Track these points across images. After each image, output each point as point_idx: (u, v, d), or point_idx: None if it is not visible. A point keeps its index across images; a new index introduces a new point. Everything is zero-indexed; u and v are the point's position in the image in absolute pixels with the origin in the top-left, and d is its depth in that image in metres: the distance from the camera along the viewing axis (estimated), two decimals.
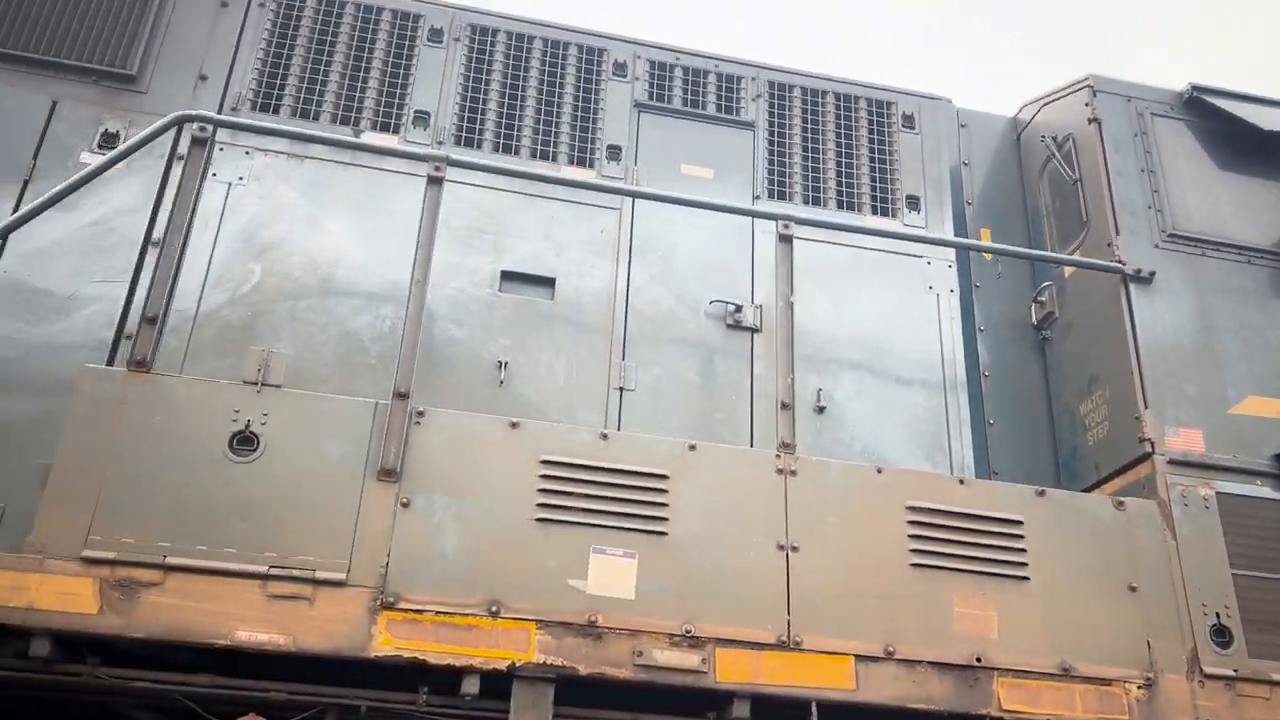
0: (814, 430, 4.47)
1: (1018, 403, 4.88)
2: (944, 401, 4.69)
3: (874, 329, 4.78)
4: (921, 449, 4.55)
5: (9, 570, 3.04)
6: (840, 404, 4.55)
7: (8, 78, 4.41)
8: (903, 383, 4.69)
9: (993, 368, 4.91)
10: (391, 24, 4.93)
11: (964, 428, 4.64)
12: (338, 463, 3.39)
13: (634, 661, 3.31)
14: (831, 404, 4.53)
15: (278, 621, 3.14)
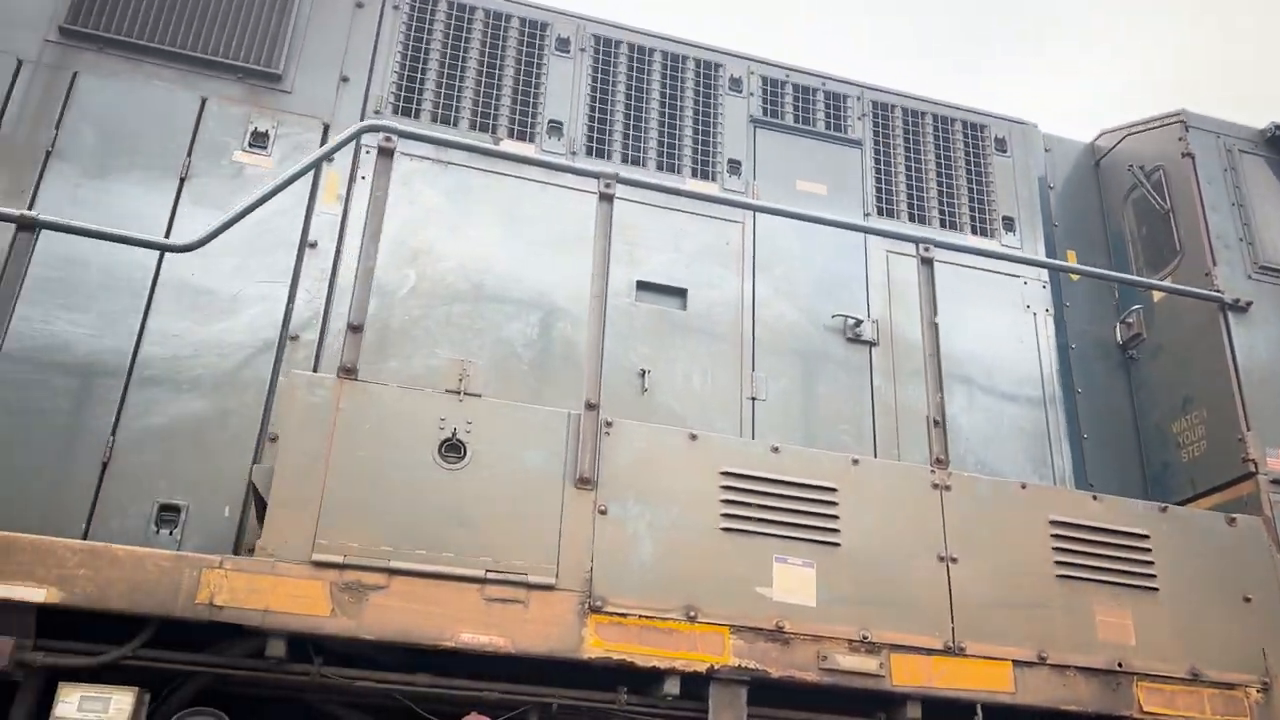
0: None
1: (1105, 418, 5.16)
2: (1045, 416, 4.96)
3: (979, 345, 5.03)
4: (1029, 461, 4.81)
5: (244, 573, 3.12)
6: (954, 417, 4.78)
7: (157, 73, 4.42)
8: (1007, 398, 4.95)
9: (1082, 385, 5.19)
10: (520, 32, 5.02)
11: (1064, 442, 4.92)
12: (538, 470, 3.52)
13: (819, 665, 3.51)
14: (947, 417, 4.76)
15: (496, 624, 3.27)
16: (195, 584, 3.06)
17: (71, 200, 4.03)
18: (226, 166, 4.32)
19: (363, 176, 4.48)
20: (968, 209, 5.35)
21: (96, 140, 4.20)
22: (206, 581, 3.07)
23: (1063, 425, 4.96)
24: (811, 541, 3.67)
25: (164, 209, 4.16)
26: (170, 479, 3.75)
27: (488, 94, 4.84)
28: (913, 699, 3.58)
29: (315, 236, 4.31)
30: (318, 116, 4.54)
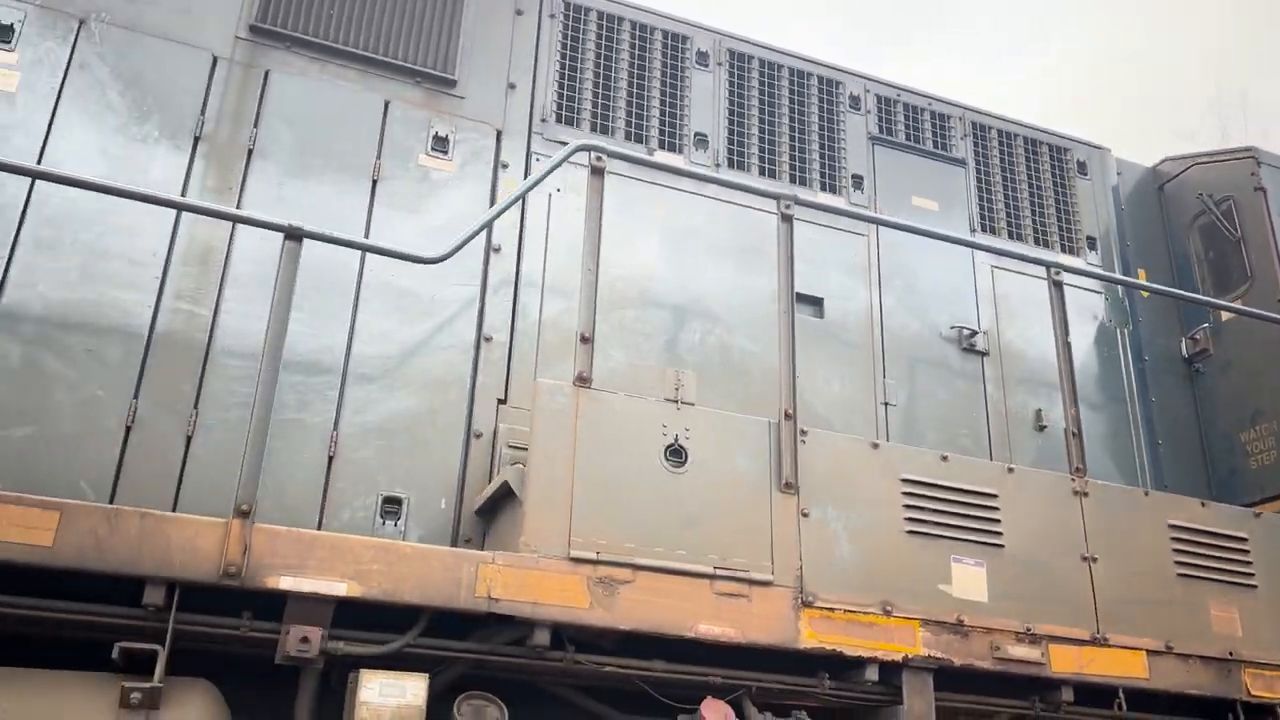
0: (1038, 447, 5.15)
1: (1173, 426, 5.68)
2: (1128, 423, 5.45)
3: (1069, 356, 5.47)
4: (1118, 466, 5.29)
5: (514, 568, 3.39)
6: (1056, 423, 5.23)
7: (341, 74, 4.55)
8: (1096, 407, 5.42)
9: (1154, 394, 5.69)
10: (664, 44, 5.25)
11: (1144, 448, 5.42)
12: (748, 475, 3.84)
13: (992, 655, 3.92)
14: (1051, 424, 5.21)
15: (726, 617, 3.60)
16: (474, 578, 3.32)
17: (278, 200, 4.17)
18: (413, 170, 4.49)
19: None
20: (1056, 228, 5.78)
21: (293, 140, 4.33)
22: (483, 576, 3.33)
23: (1142, 432, 5.45)
24: (980, 543, 4.07)
25: (360, 210, 4.32)
26: (389, 472, 3.97)
27: (639, 105, 5.07)
28: (1066, 684, 4.03)
29: (498, 241, 4.52)
30: (490, 123, 4.73)
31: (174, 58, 4.25)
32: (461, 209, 4.52)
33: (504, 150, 4.69)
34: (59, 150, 3.93)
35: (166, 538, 3.04)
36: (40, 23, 4.10)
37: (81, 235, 3.85)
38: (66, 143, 3.96)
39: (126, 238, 3.90)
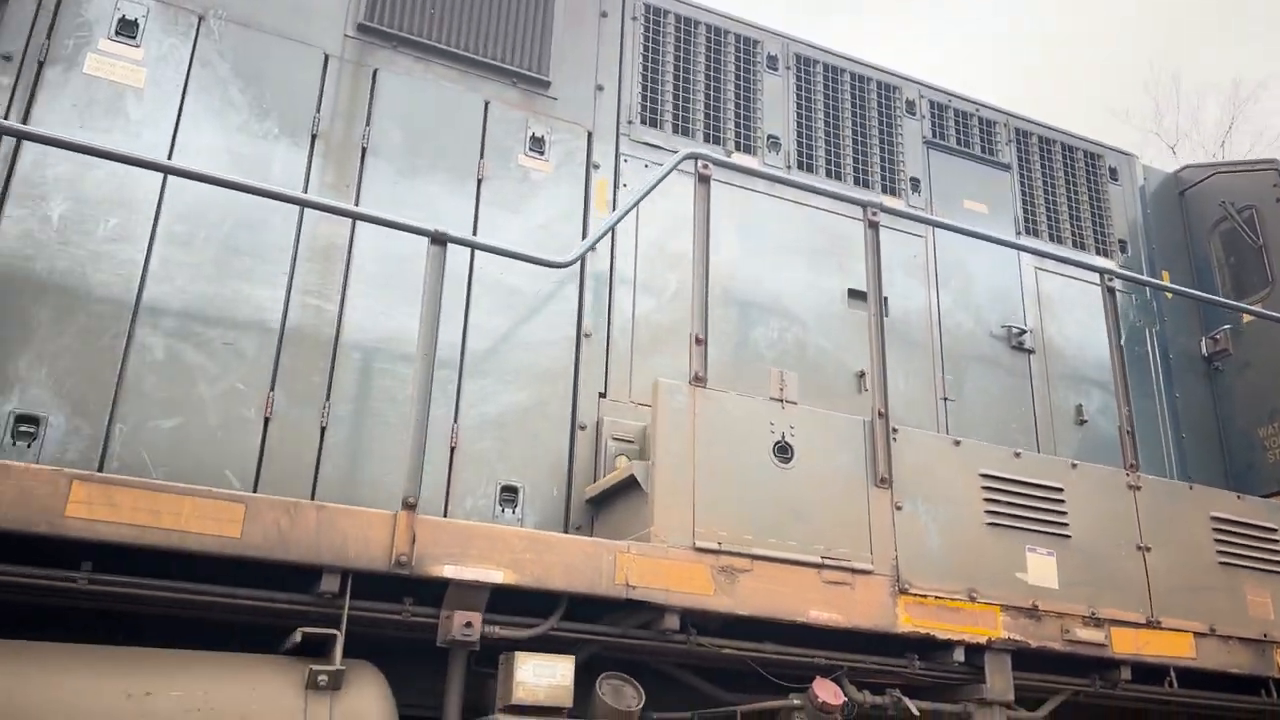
0: (1079, 439, 5.50)
1: (1193, 421, 6.06)
2: (1158, 418, 5.81)
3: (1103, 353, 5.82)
4: (1150, 458, 5.65)
5: (647, 557, 3.62)
6: (1094, 418, 5.58)
7: (444, 74, 4.68)
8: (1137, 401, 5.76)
9: (1178, 391, 6.07)
10: (736, 48, 5.44)
11: (1171, 441, 5.79)
12: (846, 470, 4.11)
13: (1063, 637, 4.26)
14: (1090, 418, 5.55)
15: (833, 603, 3.88)
16: (613, 567, 3.55)
17: (392, 199, 4.31)
18: (514, 170, 4.65)
19: (624, 184, 4.88)
20: (1091, 231, 6.11)
21: (403, 138, 4.47)
22: (621, 565, 3.56)
23: (1169, 426, 5.82)
24: (1049, 534, 4.39)
25: (468, 209, 4.48)
26: (505, 462, 4.18)
27: (715, 106, 5.27)
28: (1125, 664, 4.38)
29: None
30: (581, 124, 4.90)
31: (288, 55, 4.36)
32: (559, 209, 4.70)
33: (595, 151, 4.86)
34: (187, 146, 4.03)
35: (342, 529, 3.23)
36: (163, 18, 4.18)
37: (213, 231, 3.97)
38: (193, 138, 4.06)
39: (255, 233, 4.03)
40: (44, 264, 3.67)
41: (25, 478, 2.92)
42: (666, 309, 4.77)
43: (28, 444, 3.48)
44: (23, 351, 3.55)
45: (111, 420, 3.60)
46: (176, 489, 3.09)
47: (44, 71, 3.91)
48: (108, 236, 3.80)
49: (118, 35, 4.06)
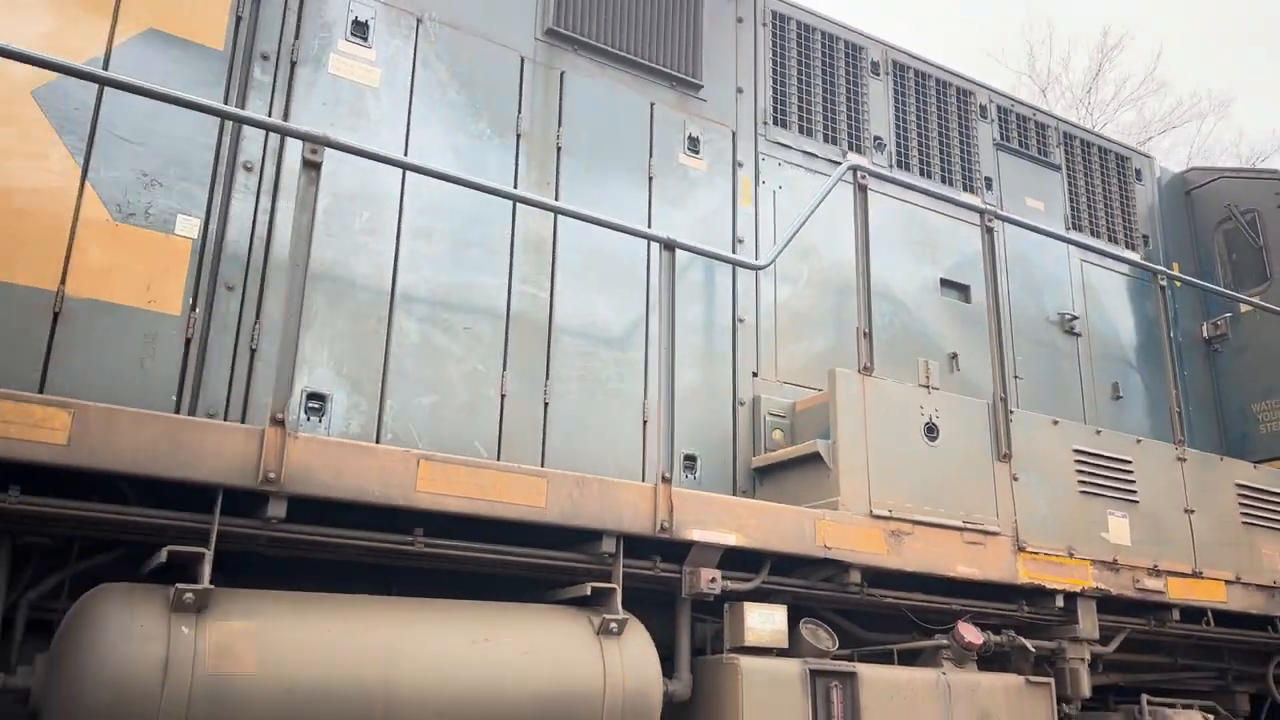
0: (1116, 413, 6.36)
1: (1195, 395, 7.01)
2: (1174, 393, 6.72)
3: (1137, 337, 6.70)
4: (1162, 426, 6.57)
5: (837, 523, 4.29)
6: (1127, 395, 6.46)
7: (617, 76, 5.12)
8: (1149, 378, 6.67)
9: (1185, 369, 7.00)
10: (846, 54, 5.99)
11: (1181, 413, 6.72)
12: (977, 447, 4.84)
13: (1134, 586, 5.12)
14: (1124, 394, 6.43)
15: (972, 560, 4.63)
16: (814, 531, 4.21)
17: (585, 198, 4.77)
18: (675, 168, 5.15)
19: (763, 181, 5.43)
20: (1121, 227, 6.93)
21: (589, 137, 4.92)
22: (819, 529, 4.23)
23: (1182, 401, 6.74)
24: (1122, 499, 5.23)
25: (642, 205, 4.98)
26: (684, 434, 4.76)
27: (830, 108, 5.83)
28: (1176, 607, 5.29)
29: (741, 234, 5.27)
30: (726, 124, 5.40)
31: (492, 57, 4.74)
32: (713, 204, 5.23)
33: (738, 150, 5.39)
34: (418, 144, 4.42)
35: (617, 499, 3.80)
36: (388, 19, 4.51)
37: (447, 224, 4.39)
38: (423, 137, 4.45)
39: (481, 227, 4.46)
40: (316, 254, 4.05)
41: (384, 458, 3.40)
42: (801, 296, 5.38)
43: (319, 418, 3.91)
44: (306, 335, 3.95)
45: (383, 398, 4.05)
46: (494, 466, 3.62)
47: (296, 70, 4.23)
48: (363, 229, 4.19)
49: (352, 36, 4.39)
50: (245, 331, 3.88)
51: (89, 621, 2.99)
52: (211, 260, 3.86)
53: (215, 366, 3.79)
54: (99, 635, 2.94)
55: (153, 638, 2.97)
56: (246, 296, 3.91)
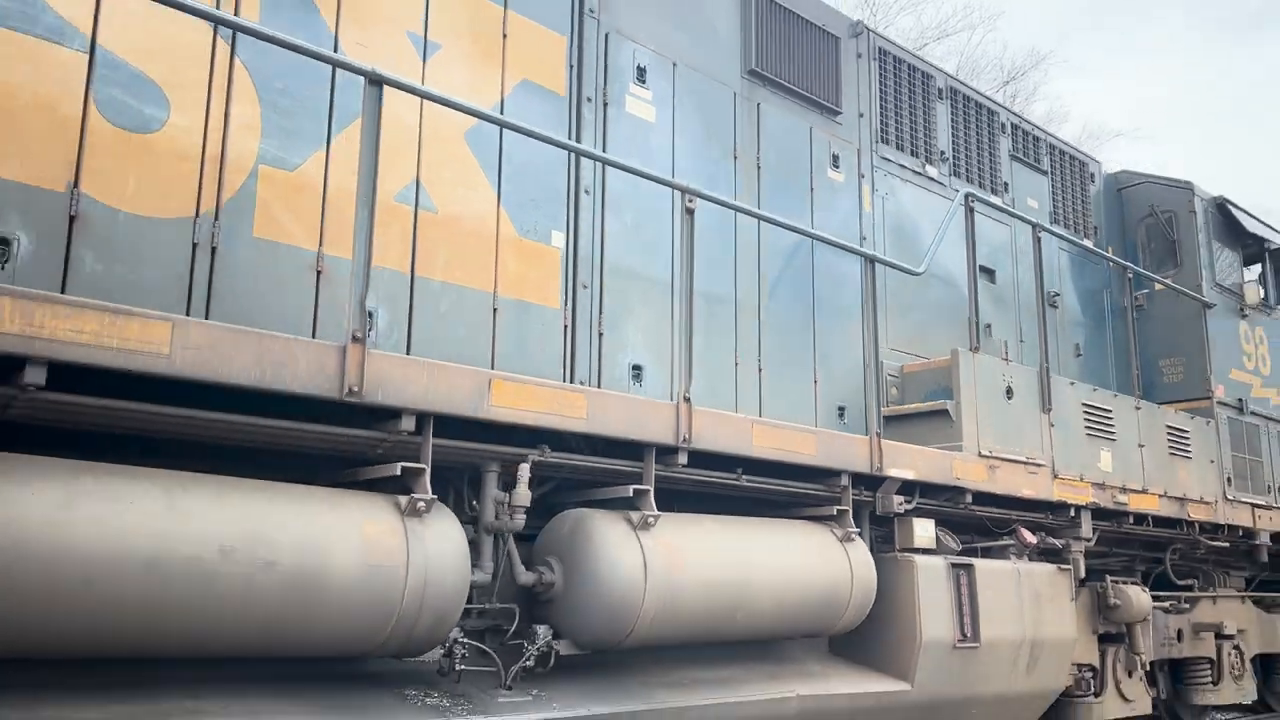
0: (1079, 367, 8.45)
1: (1119, 351, 9.22)
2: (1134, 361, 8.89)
3: (1088, 307, 8.78)
4: (1099, 373, 8.72)
5: (964, 461, 6.07)
6: (1085, 352, 8.56)
7: (788, 106, 6.49)
8: (1095, 337, 8.81)
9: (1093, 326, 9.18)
10: (922, 82, 7.55)
11: (1113, 366, 8.92)
12: (1029, 402, 6.71)
13: (1113, 500, 7.23)
14: (1083, 354, 8.52)
15: (1031, 484, 6.55)
16: (950, 467, 5.98)
17: (772, 205, 6.20)
18: (825, 181, 6.63)
19: (876, 190, 6.99)
20: (1081, 219, 8.94)
21: (775, 158, 6.31)
22: (955, 465, 6.01)
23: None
24: (1106, 439, 7.30)
25: (806, 212, 6.45)
26: (838, 391, 6.39)
27: (913, 128, 7.41)
28: (1131, 514, 7.46)
29: (865, 233, 6.84)
30: (853, 143, 6.90)
31: (716, 93, 6.03)
32: (848, 209, 6.77)
33: (861, 164, 6.92)
34: (680, 167, 5.71)
35: (852, 449, 5.41)
36: (656, 65, 5.71)
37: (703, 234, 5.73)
38: (682, 162, 5.74)
39: (721, 236, 5.84)
40: (630, 258, 5.35)
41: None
42: (905, 288, 7.03)
43: (639, 384, 5.28)
44: (629, 321, 5.29)
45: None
46: (788, 426, 5.15)
47: (609, 110, 5.42)
48: (651, 239, 5.50)
49: (637, 81, 5.59)
50: (595, 319, 5.17)
51: (589, 536, 4.36)
52: (572, 265, 5.11)
53: (580, 345, 5.09)
54: (600, 547, 4.33)
55: (633, 549, 4.39)
56: (592, 293, 5.19)
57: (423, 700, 3.93)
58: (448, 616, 3.79)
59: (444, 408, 3.84)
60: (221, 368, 3.31)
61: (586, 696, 4.34)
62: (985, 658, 5.92)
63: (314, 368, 3.53)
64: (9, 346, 2.92)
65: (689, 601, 4.55)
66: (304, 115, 4.24)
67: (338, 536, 3.52)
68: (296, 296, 4.10)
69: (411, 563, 3.65)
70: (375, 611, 3.59)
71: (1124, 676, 7.58)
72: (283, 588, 3.37)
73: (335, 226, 4.21)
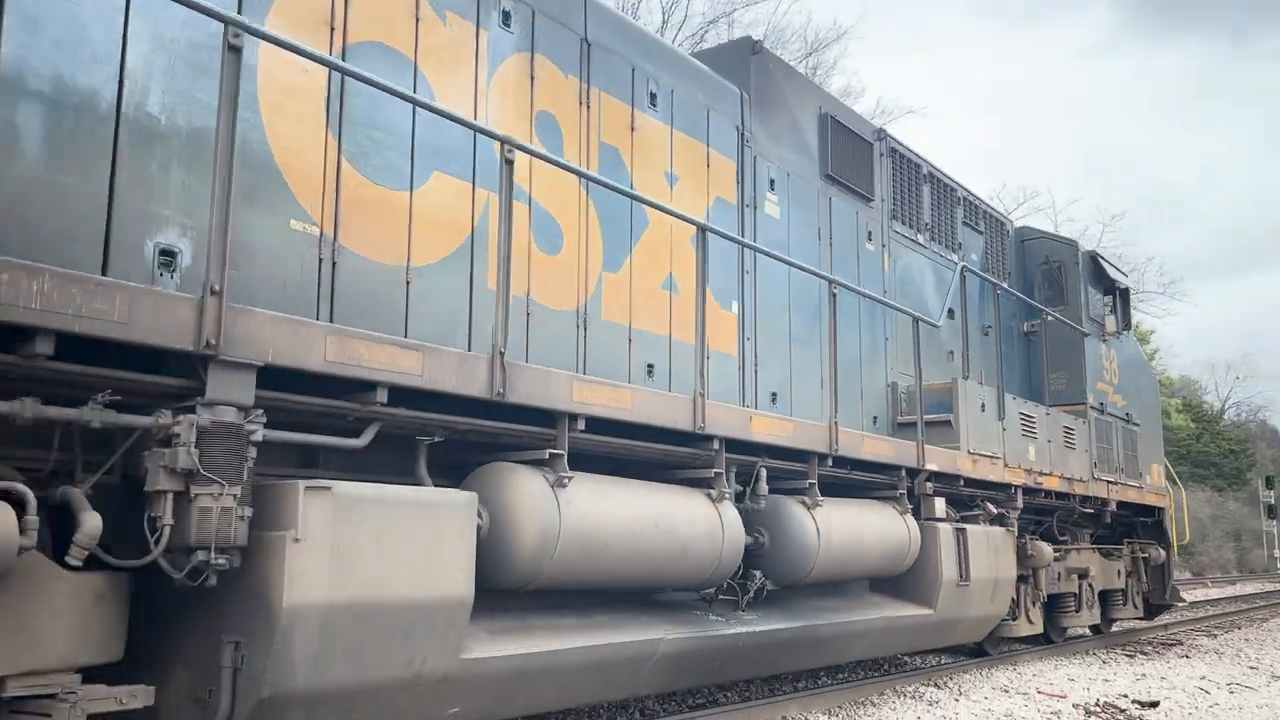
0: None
1: (1015, 367, 12.23)
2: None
3: (1003, 331, 11.72)
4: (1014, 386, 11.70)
5: (962, 458, 8.75)
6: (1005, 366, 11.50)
7: (840, 195, 8.93)
8: (1007, 356, 11.77)
9: (1007, 348, 12.17)
10: (913, 170, 10.15)
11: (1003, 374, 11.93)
12: (993, 414, 9.49)
13: (1035, 481, 10.14)
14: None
15: (993, 471, 9.33)
16: (955, 462, 8.65)
17: (841, 274, 8.65)
18: (864, 251, 9.13)
19: (891, 257, 9.56)
20: (1001, 267, 11.85)
21: (839, 236, 8.75)
22: (958, 461, 8.69)
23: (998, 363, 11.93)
24: (1033, 438, 10.20)
25: (855, 279, 8.93)
26: (868, 402, 8.94)
27: (911, 205, 10.00)
28: (1047, 492, 10.41)
29: (886, 289, 9.39)
30: (879, 221, 9.43)
31: (808, 191, 8.41)
32: (875, 271, 9.30)
33: (883, 237, 9.46)
34: (794, 251, 8.06)
35: (910, 450, 7.99)
36: (778, 175, 8.03)
37: (796, 296, 8.14)
38: (793, 247, 8.09)
39: (805, 301, 8.25)
40: (768, 319, 7.68)
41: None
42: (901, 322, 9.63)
43: (774, 404, 7.65)
44: (771, 361, 7.63)
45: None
46: (887, 441, 7.66)
47: (756, 212, 7.71)
48: (780, 305, 7.84)
49: (769, 188, 7.90)
50: (753, 361, 7.49)
51: (789, 515, 6.73)
52: (741, 325, 7.39)
53: (747, 380, 7.40)
54: (798, 520, 6.71)
55: (810, 521, 6.79)
56: (753, 343, 7.49)
57: (706, 614, 6.22)
58: (734, 563, 6.10)
59: (737, 434, 6.11)
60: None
61: (784, 615, 6.73)
62: (973, 591, 8.66)
63: (678, 411, 5.73)
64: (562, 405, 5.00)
65: (837, 553, 6.99)
66: (621, 234, 6.36)
67: (691, 516, 5.76)
68: (624, 357, 6.25)
69: (723, 532, 5.93)
70: (707, 560, 5.85)
71: (1030, 606, 10.60)
72: (674, 546, 5.59)
73: (642, 308, 6.38)
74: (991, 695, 8.12)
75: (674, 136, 6.93)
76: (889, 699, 7.67)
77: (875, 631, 7.62)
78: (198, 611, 3.86)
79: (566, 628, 5.16)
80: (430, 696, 4.37)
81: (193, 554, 3.56)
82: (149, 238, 3.99)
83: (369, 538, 3.97)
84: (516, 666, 4.69)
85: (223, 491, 3.57)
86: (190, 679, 3.84)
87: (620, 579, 5.46)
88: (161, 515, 3.52)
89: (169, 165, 4.07)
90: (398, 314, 4.93)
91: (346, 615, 3.89)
